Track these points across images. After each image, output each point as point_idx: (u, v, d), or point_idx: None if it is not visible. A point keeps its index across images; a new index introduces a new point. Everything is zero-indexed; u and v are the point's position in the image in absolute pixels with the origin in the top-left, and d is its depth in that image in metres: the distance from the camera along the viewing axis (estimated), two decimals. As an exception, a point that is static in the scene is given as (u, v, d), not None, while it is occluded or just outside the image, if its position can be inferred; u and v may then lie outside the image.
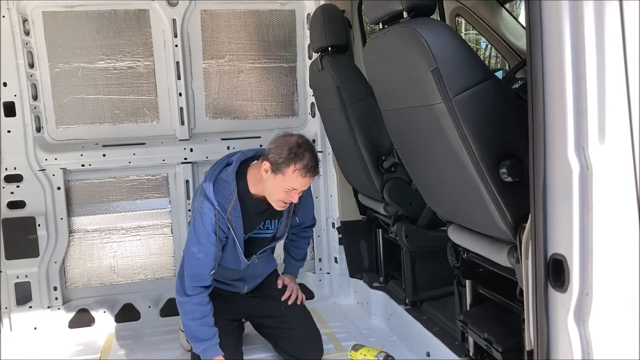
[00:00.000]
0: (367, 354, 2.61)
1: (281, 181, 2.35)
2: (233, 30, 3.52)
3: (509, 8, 4.21)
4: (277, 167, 2.33)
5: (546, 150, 1.29)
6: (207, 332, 2.48)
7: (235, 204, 2.44)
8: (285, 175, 2.33)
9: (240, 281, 2.77)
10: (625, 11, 1.19)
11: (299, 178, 2.34)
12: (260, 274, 2.85)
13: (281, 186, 2.36)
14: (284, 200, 2.43)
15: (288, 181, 2.34)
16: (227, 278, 2.73)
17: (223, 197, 2.44)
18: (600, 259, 1.23)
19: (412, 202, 2.87)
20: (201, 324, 2.47)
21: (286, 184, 2.35)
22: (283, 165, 2.32)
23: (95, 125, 3.38)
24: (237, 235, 2.49)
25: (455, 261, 2.28)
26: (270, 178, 2.37)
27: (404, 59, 1.84)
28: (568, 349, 1.28)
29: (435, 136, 1.81)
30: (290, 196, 2.41)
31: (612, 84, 1.20)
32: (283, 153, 2.32)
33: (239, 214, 2.46)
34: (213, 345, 2.48)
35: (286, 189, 2.37)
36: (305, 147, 2.36)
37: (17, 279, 3.21)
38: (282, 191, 2.38)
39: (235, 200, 2.44)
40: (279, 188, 2.38)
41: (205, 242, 2.45)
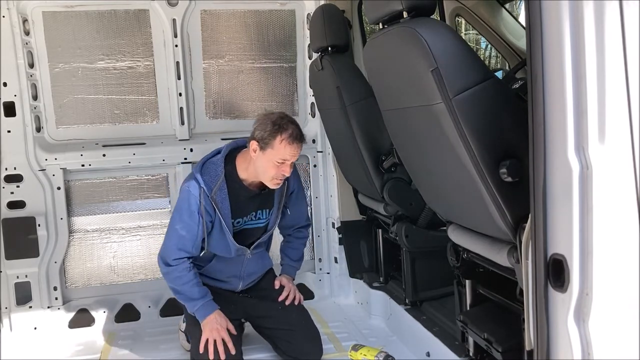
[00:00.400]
0: (367, 354, 2.61)
1: (270, 155, 2.43)
2: (233, 30, 3.52)
3: (509, 8, 4.21)
4: (264, 142, 2.42)
5: (546, 150, 1.29)
6: (199, 291, 2.55)
7: (221, 185, 2.51)
8: (273, 147, 2.41)
9: (236, 277, 2.77)
10: (625, 11, 1.19)
11: (287, 147, 2.42)
12: (255, 270, 2.85)
13: (271, 161, 2.44)
14: (277, 177, 2.49)
15: (277, 153, 2.42)
16: (223, 274, 2.73)
17: (209, 177, 2.52)
18: (600, 259, 1.23)
19: (412, 202, 2.86)
20: (191, 285, 2.54)
21: (275, 156, 2.42)
22: (270, 139, 2.41)
23: (95, 125, 3.38)
24: (224, 217, 2.53)
25: (455, 261, 2.28)
26: (259, 156, 2.45)
27: (404, 59, 1.84)
28: (568, 349, 1.28)
29: (436, 136, 1.81)
30: (282, 170, 2.47)
31: (612, 84, 1.20)
32: (267, 127, 2.41)
33: (226, 196, 2.52)
34: (208, 301, 2.54)
35: (277, 162, 2.44)
36: (288, 119, 2.47)
37: (17, 279, 3.21)
38: (273, 166, 2.45)
39: (222, 181, 2.51)
40: (269, 164, 2.45)
41: (188, 220, 2.52)
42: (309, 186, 3.69)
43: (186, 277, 2.55)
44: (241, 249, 2.66)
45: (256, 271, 2.86)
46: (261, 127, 2.44)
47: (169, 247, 2.58)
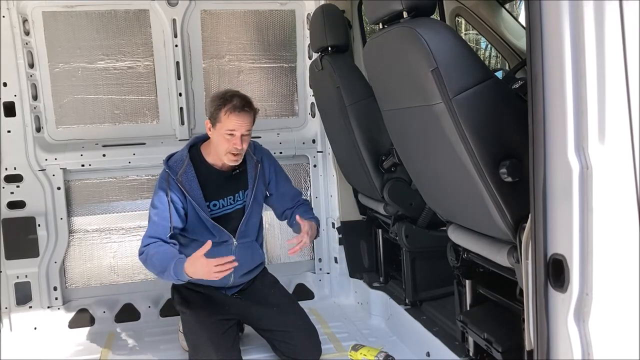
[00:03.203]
0: (367, 354, 2.61)
1: (220, 129, 2.50)
2: (233, 30, 3.52)
3: (509, 8, 4.22)
4: (214, 118, 2.52)
5: (546, 150, 1.29)
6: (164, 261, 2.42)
7: (187, 168, 2.59)
8: (220, 121, 2.49)
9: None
10: (625, 11, 1.19)
11: (231, 117, 2.47)
12: (245, 262, 2.74)
13: (222, 135, 2.51)
14: (231, 150, 2.53)
15: (224, 125, 2.49)
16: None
17: (174, 162, 2.62)
18: (600, 259, 1.23)
19: (412, 202, 2.86)
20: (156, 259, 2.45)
21: (223, 128, 2.49)
22: (217, 113, 2.50)
23: (95, 125, 3.39)
24: (194, 198, 2.57)
25: (455, 261, 2.28)
26: (213, 133, 2.55)
27: (404, 59, 1.84)
28: (568, 349, 1.28)
29: (435, 136, 1.81)
30: (234, 142, 2.51)
31: (612, 84, 1.20)
32: (214, 103, 2.53)
33: (193, 177, 2.59)
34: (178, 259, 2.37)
35: (226, 134, 2.49)
36: (233, 93, 2.55)
37: (17, 279, 3.21)
38: (224, 140, 2.52)
39: (187, 164, 2.60)
40: (221, 138, 2.52)
41: (158, 204, 2.58)
42: (309, 186, 3.69)
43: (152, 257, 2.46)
44: (220, 228, 2.64)
45: (246, 263, 2.75)
46: (210, 105, 2.56)
47: (146, 234, 2.59)
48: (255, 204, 2.77)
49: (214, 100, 2.54)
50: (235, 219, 2.71)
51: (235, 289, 2.84)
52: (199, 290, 2.73)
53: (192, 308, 2.71)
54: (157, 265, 2.47)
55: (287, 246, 2.91)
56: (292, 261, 3.70)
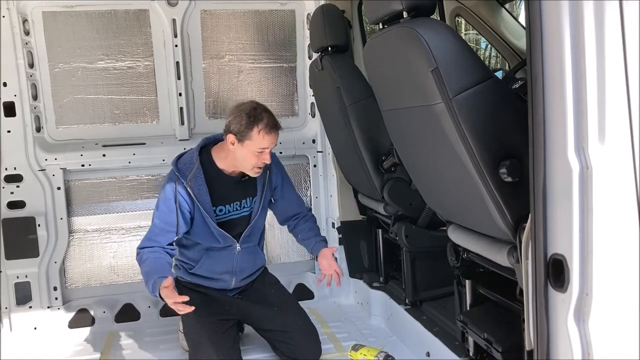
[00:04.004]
0: (367, 354, 2.61)
1: (249, 146, 2.46)
2: (233, 30, 3.52)
3: (509, 8, 4.22)
4: (241, 134, 2.45)
5: (546, 150, 1.29)
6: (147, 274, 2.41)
7: (197, 173, 2.55)
8: (251, 139, 2.45)
9: (227, 274, 2.74)
10: (625, 11, 1.19)
11: (265, 137, 2.46)
12: (247, 266, 2.79)
13: (251, 151, 2.48)
14: (257, 165, 2.53)
15: (256, 143, 2.45)
16: (214, 272, 2.72)
17: (184, 165, 2.58)
18: (600, 259, 1.23)
19: (412, 202, 2.86)
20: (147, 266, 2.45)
21: (255, 147, 2.46)
22: (247, 131, 2.44)
23: (95, 125, 3.39)
24: (202, 203, 2.54)
25: (455, 261, 2.28)
26: (238, 148, 2.49)
27: (404, 59, 1.84)
28: (568, 349, 1.28)
29: (435, 136, 1.81)
30: (263, 159, 2.51)
31: (612, 84, 1.20)
32: (243, 120, 2.44)
33: (202, 182, 2.55)
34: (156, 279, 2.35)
35: (256, 152, 2.48)
36: (262, 108, 2.50)
37: (17, 279, 3.21)
38: (253, 156, 2.50)
39: (197, 168, 2.55)
40: (249, 154, 2.49)
41: (163, 208, 2.55)
42: (309, 186, 3.69)
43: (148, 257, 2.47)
44: (226, 235, 2.63)
45: (248, 267, 2.80)
46: (236, 120, 2.46)
47: (147, 236, 2.57)
48: (262, 211, 2.76)
49: (241, 116, 2.45)
50: (240, 225, 2.70)
51: (236, 289, 2.85)
52: (199, 290, 2.73)
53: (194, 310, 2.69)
54: (143, 273, 2.48)
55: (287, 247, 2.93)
56: (292, 261, 3.70)
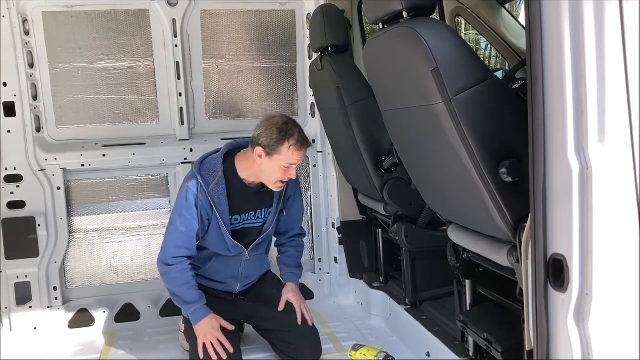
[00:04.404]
0: (367, 354, 2.61)
1: (278, 161, 2.45)
2: (233, 30, 3.52)
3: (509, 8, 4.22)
4: (271, 149, 2.44)
5: (546, 150, 1.29)
6: (195, 294, 2.56)
7: (219, 182, 2.54)
8: (281, 154, 2.43)
9: (233, 279, 2.77)
10: (625, 11, 1.19)
11: (295, 153, 2.46)
12: (253, 273, 2.85)
13: (278, 166, 2.47)
14: (282, 179, 2.53)
15: (285, 159, 2.45)
16: (220, 276, 2.74)
17: (207, 172, 2.56)
18: (600, 259, 1.23)
19: (412, 202, 2.86)
20: (187, 288, 2.55)
21: (283, 162, 2.46)
22: (277, 145, 2.43)
23: (95, 125, 3.38)
24: (220, 213, 2.54)
25: (455, 261, 2.28)
26: (265, 161, 2.47)
27: (404, 59, 1.84)
28: (568, 349, 1.28)
29: (435, 136, 1.81)
30: (289, 174, 2.51)
31: (612, 84, 1.20)
32: (274, 134, 2.42)
33: (223, 191, 2.54)
34: (202, 306, 2.55)
35: (284, 167, 2.47)
36: (293, 123, 2.49)
37: (17, 279, 3.21)
38: (279, 170, 2.48)
39: (220, 177, 2.54)
40: (276, 168, 2.48)
41: (187, 215, 2.54)
42: (309, 186, 3.69)
43: (183, 279, 2.55)
44: (238, 246, 2.65)
45: (254, 274, 2.86)
46: (266, 133, 2.43)
47: (168, 245, 2.59)
48: (275, 223, 2.77)
49: (272, 130, 2.43)
50: (252, 235, 2.71)
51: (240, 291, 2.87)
52: (203, 290, 2.73)
53: None
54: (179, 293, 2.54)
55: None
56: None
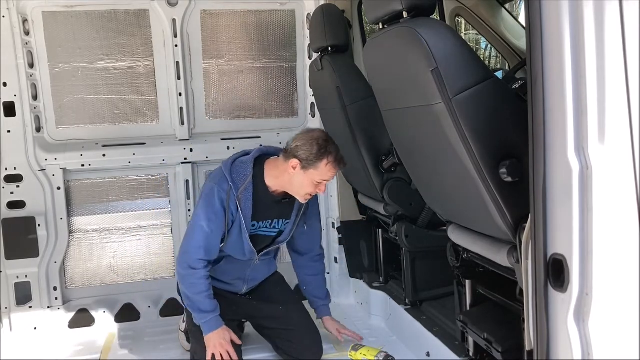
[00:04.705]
0: (367, 354, 2.61)
1: (312, 175, 2.46)
2: (233, 30, 3.52)
3: (509, 8, 4.22)
4: (308, 163, 2.44)
5: (546, 150, 1.29)
6: (210, 304, 2.56)
7: (248, 186, 2.53)
8: (317, 169, 2.45)
9: (240, 280, 2.78)
10: (625, 11, 1.19)
11: (331, 170, 2.49)
12: (260, 276, 2.87)
13: (311, 180, 2.48)
14: (312, 193, 2.55)
15: (320, 174, 2.47)
16: (228, 277, 2.74)
17: (238, 176, 2.54)
18: (600, 259, 1.23)
19: (412, 202, 2.86)
20: (205, 296, 2.55)
21: (318, 177, 2.47)
22: (315, 161, 2.44)
23: (95, 125, 3.38)
24: (244, 218, 2.54)
25: (455, 261, 2.28)
26: (299, 174, 2.47)
27: (404, 59, 1.84)
28: (568, 349, 1.28)
29: (435, 136, 1.81)
30: (319, 188, 2.53)
31: (612, 84, 1.20)
32: (313, 149, 2.44)
33: (250, 197, 2.54)
34: (216, 317, 2.56)
35: (316, 182, 2.49)
36: (332, 141, 2.51)
37: (17, 279, 3.21)
38: (311, 185, 2.50)
39: (249, 182, 2.53)
40: (308, 182, 2.49)
41: (214, 218, 2.51)
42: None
43: (202, 286, 2.54)
44: (254, 252, 2.66)
45: (261, 276, 2.88)
46: (306, 147, 2.44)
47: (192, 246, 2.53)
48: (290, 235, 2.77)
49: (312, 145, 2.44)
50: (264, 242, 2.71)
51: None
52: None
53: None
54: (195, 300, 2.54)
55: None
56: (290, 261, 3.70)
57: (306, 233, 2.82)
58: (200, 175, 3.52)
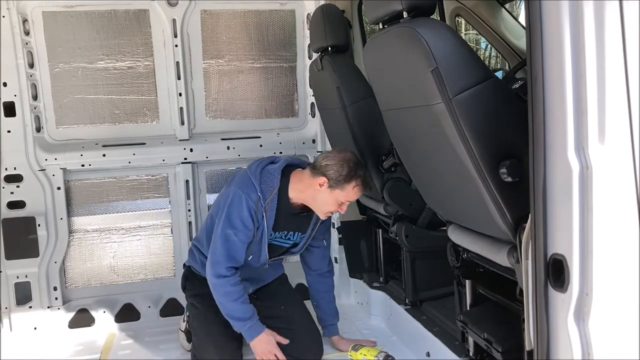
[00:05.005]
0: (367, 354, 2.61)
1: (338, 195, 2.49)
2: (233, 30, 3.52)
3: (509, 8, 4.22)
4: (336, 182, 2.47)
5: (546, 150, 1.29)
6: (248, 309, 2.56)
7: (274, 197, 2.54)
8: (344, 190, 2.48)
9: (248, 281, 2.77)
10: (625, 11, 1.19)
11: (357, 193, 2.54)
12: (268, 278, 2.90)
13: (336, 199, 2.51)
14: (333, 211, 2.58)
15: (346, 195, 2.51)
16: None
17: (266, 186, 2.54)
18: (600, 259, 1.23)
19: (412, 202, 2.86)
20: (242, 302, 2.55)
21: (343, 197, 2.51)
22: (343, 182, 2.47)
23: (95, 125, 3.38)
24: (267, 227, 2.55)
25: (455, 261, 2.28)
26: (325, 192, 2.49)
27: (404, 59, 1.84)
28: (568, 349, 1.28)
29: (435, 136, 1.81)
30: (341, 208, 2.56)
31: (612, 84, 1.20)
32: (343, 170, 2.46)
33: (274, 208, 2.55)
34: (256, 322, 2.57)
35: (340, 201, 2.52)
36: (361, 164, 2.54)
37: (17, 279, 3.21)
38: (335, 204, 2.53)
39: (275, 193, 2.54)
40: (332, 201, 2.52)
41: (242, 227, 2.50)
42: (309, 186, 3.69)
43: (237, 292, 2.53)
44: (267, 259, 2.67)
45: (269, 278, 2.91)
46: (336, 167, 2.46)
47: (222, 255, 2.51)
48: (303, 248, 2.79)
49: (343, 166, 2.46)
50: (278, 251, 2.73)
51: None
52: None
53: (205, 304, 2.69)
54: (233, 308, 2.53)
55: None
56: (293, 261, 3.68)
57: (316, 249, 2.85)
58: (200, 175, 3.52)
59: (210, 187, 3.57)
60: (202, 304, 2.71)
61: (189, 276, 2.85)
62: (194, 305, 2.76)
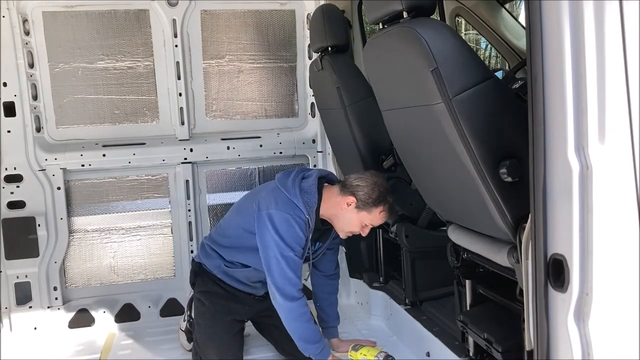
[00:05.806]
0: (367, 354, 2.61)
1: (364, 217, 2.49)
2: (233, 30, 3.52)
3: (509, 8, 4.22)
4: (364, 204, 2.46)
5: (546, 150, 1.29)
6: (317, 330, 2.56)
7: (312, 215, 2.52)
8: (370, 213, 2.48)
9: (260, 283, 2.75)
10: (625, 11, 1.19)
11: (382, 218, 2.52)
12: None
13: (361, 221, 2.51)
14: (355, 232, 2.57)
15: (372, 219, 2.50)
16: (250, 280, 2.73)
17: (308, 205, 2.50)
18: (600, 259, 1.23)
19: (412, 202, 2.87)
20: (312, 322, 2.54)
21: (368, 220, 2.50)
22: (372, 206, 2.46)
23: (95, 125, 3.38)
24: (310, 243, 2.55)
25: (455, 261, 2.28)
26: (352, 212, 2.49)
27: (404, 59, 1.84)
28: (568, 349, 1.28)
29: (435, 136, 1.81)
30: (363, 230, 2.55)
31: (612, 84, 1.20)
32: (374, 194, 2.45)
33: (313, 223, 2.54)
34: (326, 345, 2.57)
35: (365, 224, 2.51)
36: (390, 192, 2.52)
37: (17, 279, 3.21)
38: (359, 225, 2.52)
39: (313, 212, 2.52)
40: (357, 222, 2.51)
41: (298, 247, 2.48)
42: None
43: (308, 313, 2.51)
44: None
45: None
46: (367, 190, 2.45)
47: (290, 277, 2.45)
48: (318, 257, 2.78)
49: (374, 190, 2.45)
50: None
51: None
52: (224, 287, 2.71)
53: (212, 302, 2.69)
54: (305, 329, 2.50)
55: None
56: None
57: (328, 250, 2.84)
58: (199, 175, 3.52)
59: (210, 187, 3.57)
60: (210, 301, 2.69)
61: (199, 272, 2.82)
62: (201, 301, 2.74)
